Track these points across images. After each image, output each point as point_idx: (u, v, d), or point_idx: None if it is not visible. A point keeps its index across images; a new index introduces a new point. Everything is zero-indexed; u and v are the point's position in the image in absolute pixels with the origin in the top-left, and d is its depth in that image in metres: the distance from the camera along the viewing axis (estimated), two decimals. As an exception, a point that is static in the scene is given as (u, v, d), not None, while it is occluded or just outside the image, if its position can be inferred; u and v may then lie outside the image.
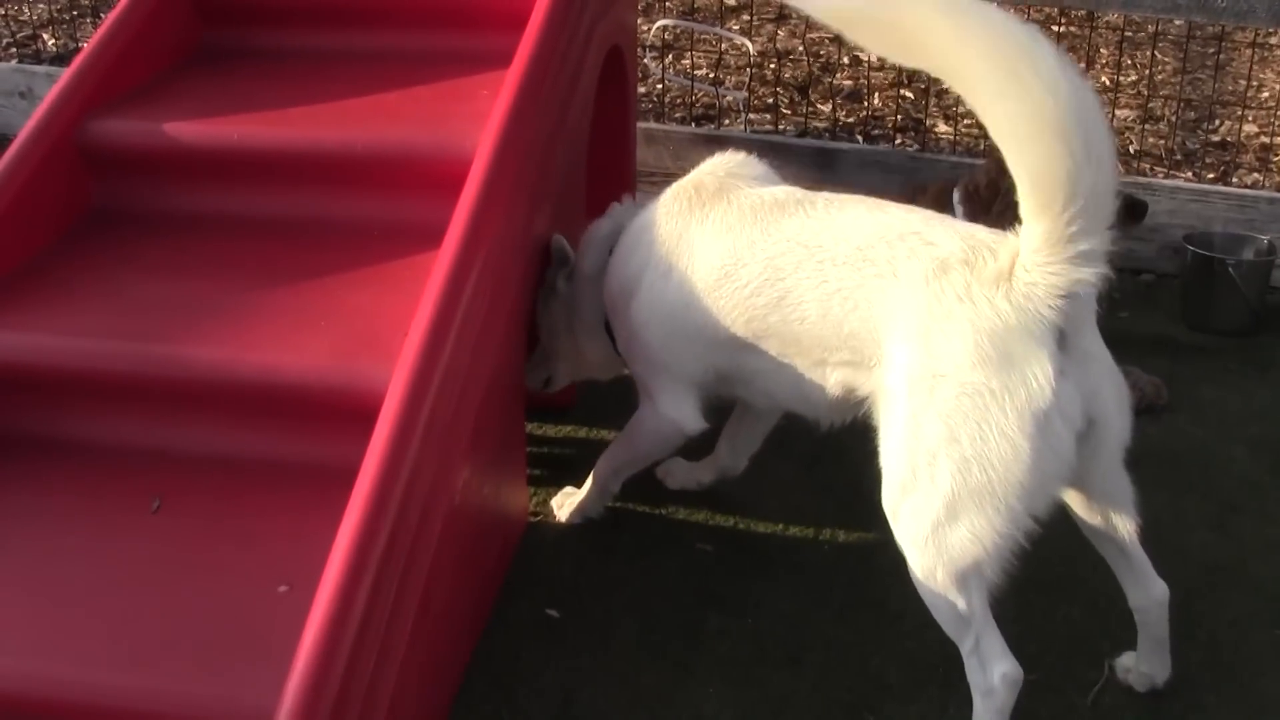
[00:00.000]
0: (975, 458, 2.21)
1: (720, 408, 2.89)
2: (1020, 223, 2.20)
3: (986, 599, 2.31)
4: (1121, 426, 2.33)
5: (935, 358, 2.25)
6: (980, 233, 2.36)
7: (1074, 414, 2.22)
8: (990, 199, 3.21)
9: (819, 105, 4.86)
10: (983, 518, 2.24)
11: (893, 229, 2.43)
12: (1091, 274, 2.16)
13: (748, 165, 2.77)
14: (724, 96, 4.77)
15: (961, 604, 2.29)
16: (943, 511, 2.25)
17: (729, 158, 2.77)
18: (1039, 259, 2.17)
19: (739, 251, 2.58)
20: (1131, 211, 3.30)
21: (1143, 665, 2.55)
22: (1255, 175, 4.42)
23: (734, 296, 2.58)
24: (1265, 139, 4.64)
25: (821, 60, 5.20)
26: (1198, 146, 4.60)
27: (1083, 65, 5.05)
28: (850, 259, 2.44)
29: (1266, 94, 4.95)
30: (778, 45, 5.25)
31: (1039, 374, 2.18)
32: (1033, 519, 2.26)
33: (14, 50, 5.07)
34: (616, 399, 3.35)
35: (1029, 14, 5.14)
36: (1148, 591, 2.50)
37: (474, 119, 2.69)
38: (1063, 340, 2.21)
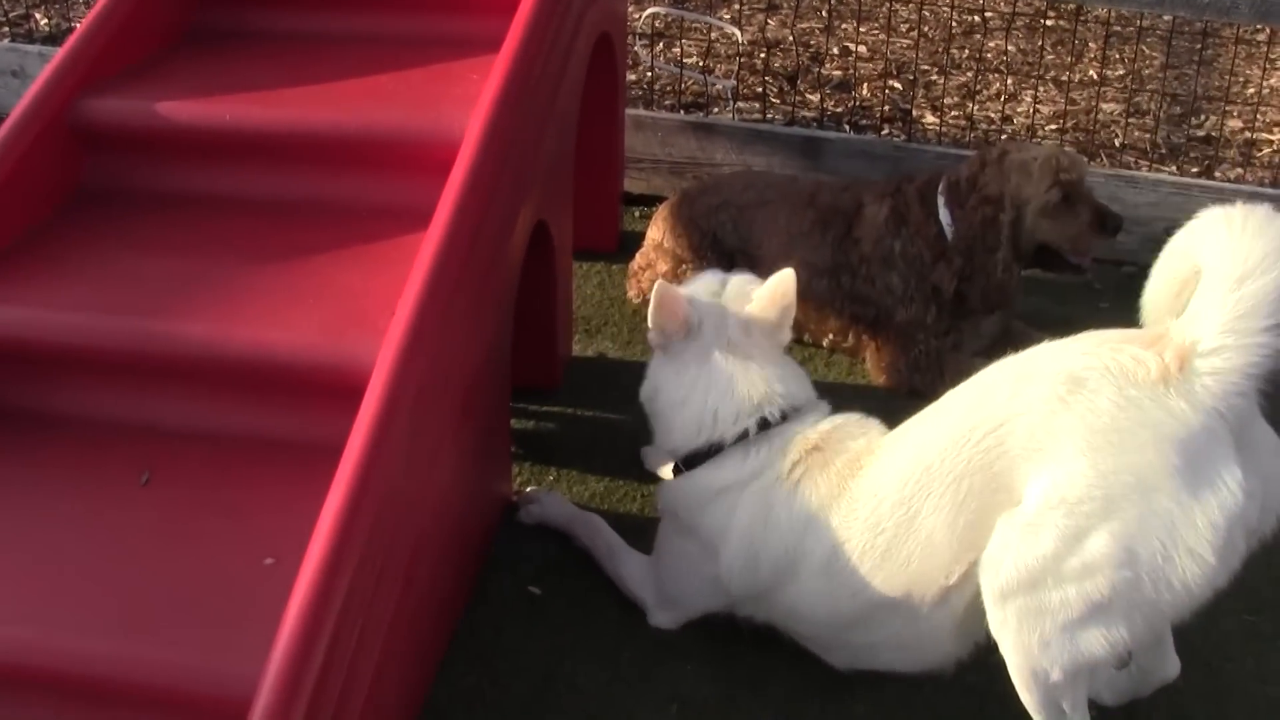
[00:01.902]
0: (1151, 575, 2.01)
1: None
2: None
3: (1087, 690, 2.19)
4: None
5: (1106, 476, 2.01)
6: (1099, 335, 2.12)
7: (1253, 516, 2.02)
8: (967, 193, 3.22)
9: (807, 95, 4.88)
10: (1128, 627, 2.06)
11: (982, 381, 2.21)
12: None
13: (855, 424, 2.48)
14: (713, 85, 4.79)
15: (1067, 703, 2.16)
16: (1085, 616, 2.06)
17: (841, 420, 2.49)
18: (1229, 339, 1.96)
19: (840, 525, 2.33)
20: (1102, 226, 3.21)
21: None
22: (1238, 170, 4.45)
23: (847, 570, 2.32)
24: (1249, 134, 4.67)
25: (811, 50, 5.23)
26: (1182, 141, 4.63)
27: (1070, 59, 5.09)
28: (954, 441, 2.17)
29: (1251, 90, 4.98)
30: (767, 35, 5.28)
31: (1229, 481, 1.97)
32: None
33: (6, 29, 5.06)
34: (601, 380, 3.38)
35: (1016, 6, 5.19)
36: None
37: (463, 102, 2.71)
38: (1238, 433, 2.00)
